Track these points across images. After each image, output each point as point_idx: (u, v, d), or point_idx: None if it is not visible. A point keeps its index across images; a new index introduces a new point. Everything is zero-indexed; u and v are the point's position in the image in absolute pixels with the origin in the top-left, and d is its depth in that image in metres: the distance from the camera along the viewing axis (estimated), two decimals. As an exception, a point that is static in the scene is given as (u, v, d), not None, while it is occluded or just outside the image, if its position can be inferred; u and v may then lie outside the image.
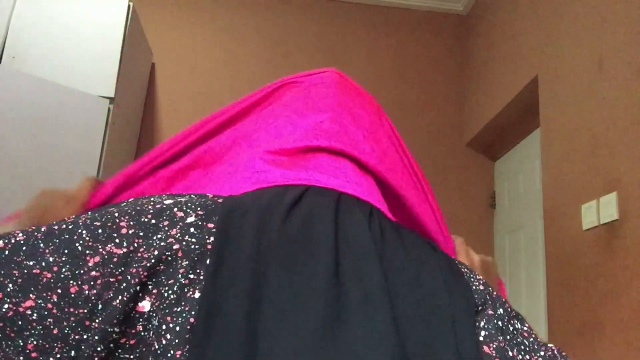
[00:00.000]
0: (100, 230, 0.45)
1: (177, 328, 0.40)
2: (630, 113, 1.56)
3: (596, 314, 1.62)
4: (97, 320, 0.41)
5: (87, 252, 0.43)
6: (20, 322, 0.40)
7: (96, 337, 0.40)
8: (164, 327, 0.40)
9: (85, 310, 0.41)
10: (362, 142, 0.64)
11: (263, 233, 0.47)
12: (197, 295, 0.41)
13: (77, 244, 0.44)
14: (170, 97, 2.84)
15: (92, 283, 0.42)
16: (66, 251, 0.43)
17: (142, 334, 0.40)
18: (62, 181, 2.03)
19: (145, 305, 0.41)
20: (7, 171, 1.88)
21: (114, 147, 2.30)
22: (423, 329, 0.45)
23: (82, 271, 0.42)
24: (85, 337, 0.40)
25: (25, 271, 0.41)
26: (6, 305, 0.40)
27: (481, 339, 0.47)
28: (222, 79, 2.89)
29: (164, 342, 0.40)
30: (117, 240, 0.44)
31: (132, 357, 0.40)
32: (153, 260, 0.43)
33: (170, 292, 0.42)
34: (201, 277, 0.42)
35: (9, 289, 0.41)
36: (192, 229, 0.45)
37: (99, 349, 0.40)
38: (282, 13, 3.05)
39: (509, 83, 2.43)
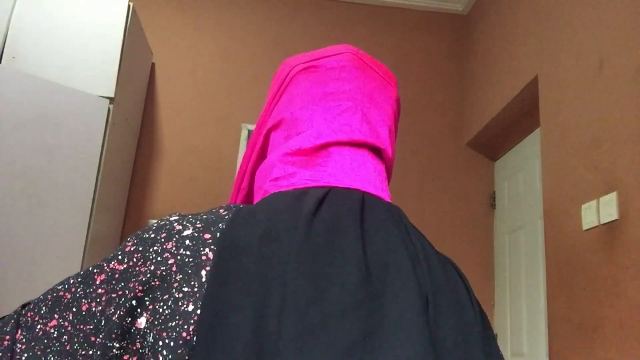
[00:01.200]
0: (111, 253, 0.48)
1: (172, 343, 0.39)
2: (630, 113, 1.56)
3: (596, 314, 1.62)
4: (100, 336, 0.42)
5: (96, 271, 0.46)
6: (46, 341, 0.44)
7: (98, 353, 0.41)
8: (160, 343, 0.40)
9: (91, 327, 0.43)
10: (383, 131, 0.61)
11: (275, 241, 0.44)
12: (190, 308, 0.40)
13: (90, 266, 0.47)
14: (170, 97, 2.84)
15: (98, 300, 0.44)
16: (82, 273, 0.47)
17: (140, 351, 0.40)
18: (62, 181, 2.03)
19: (142, 321, 0.41)
20: (7, 171, 1.88)
21: (114, 147, 2.30)
22: (461, 352, 0.43)
23: (91, 289, 0.45)
24: (90, 352, 0.42)
25: (55, 294, 0.46)
26: (39, 326, 0.45)
27: None
28: (222, 78, 2.89)
29: (160, 358, 0.39)
30: (119, 257, 0.46)
31: None
32: (148, 275, 0.43)
33: (165, 307, 0.41)
34: (195, 289, 0.41)
35: (42, 311, 0.45)
36: (187, 241, 0.45)
37: None
38: (282, 13, 3.05)
39: (509, 83, 2.43)
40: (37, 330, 0.44)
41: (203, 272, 0.42)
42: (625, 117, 1.58)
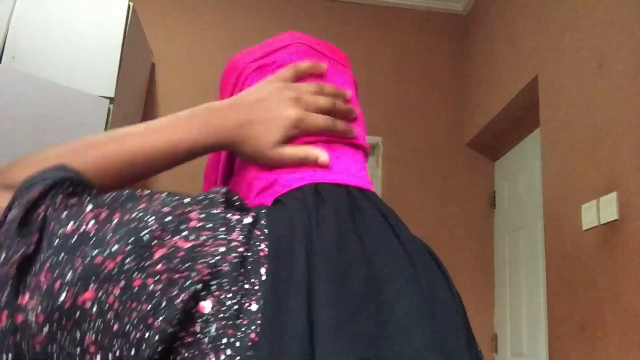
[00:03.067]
0: (169, 218, 0.41)
1: (237, 344, 0.37)
2: (630, 113, 1.56)
3: (596, 314, 1.62)
4: (160, 319, 0.37)
5: (153, 242, 0.39)
6: (77, 315, 0.37)
7: (157, 337, 0.37)
8: (224, 340, 0.37)
9: (149, 307, 0.37)
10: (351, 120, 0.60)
11: (310, 244, 0.44)
12: (254, 307, 0.38)
13: (143, 233, 0.39)
14: (170, 97, 2.84)
15: (157, 278, 0.38)
16: (132, 239, 0.39)
17: (198, 336, 0.37)
18: (62, 181, 2.03)
19: (205, 306, 0.37)
20: (7, 171, 1.88)
21: (114, 147, 2.30)
22: (456, 344, 0.44)
23: (147, 263, 0.38)
24: (146, 335, 0.37)
25: (88, 259, 0.38)
26: (64, 295, 0.37)
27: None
28: (222, 79, 2.89)
29: (222, 357, 0.36)
30: (184, 233, 0.40)
31: (187, 355, 0.37)
32: (218, 257, 0.39)
33: (232, 301, 0.38)
34: (256, 288, 0.39)
35: (68, 277, 0.38)
36: (247, 232, 0.42)
37: (159, 349, 0.36)
38: (282, 13, 3.05)
39: (509, 83, 2.43)
40: (60, 300, 0.38)
41: (262, 270, 0.40)
42: (625, 117, 1.58)
